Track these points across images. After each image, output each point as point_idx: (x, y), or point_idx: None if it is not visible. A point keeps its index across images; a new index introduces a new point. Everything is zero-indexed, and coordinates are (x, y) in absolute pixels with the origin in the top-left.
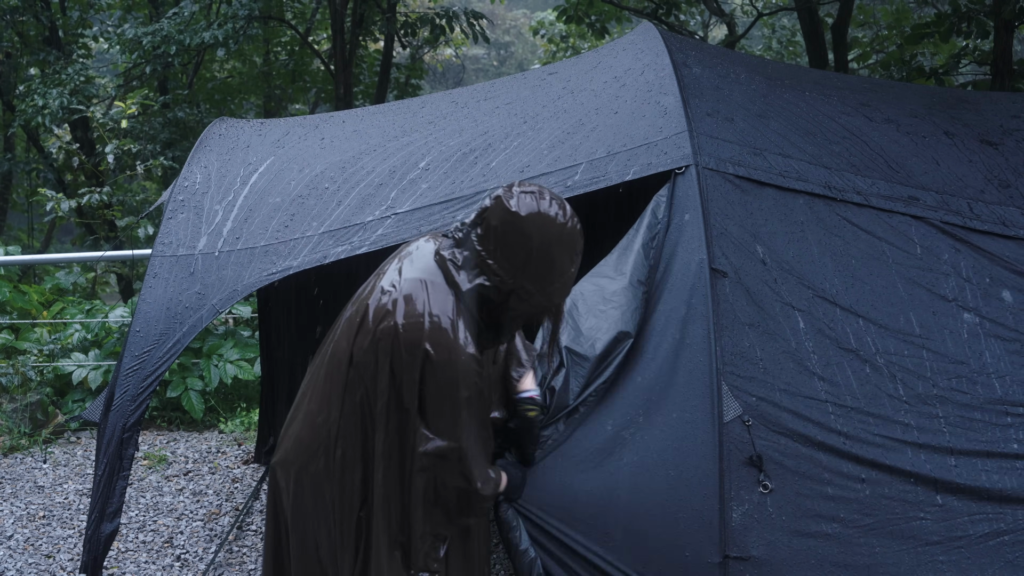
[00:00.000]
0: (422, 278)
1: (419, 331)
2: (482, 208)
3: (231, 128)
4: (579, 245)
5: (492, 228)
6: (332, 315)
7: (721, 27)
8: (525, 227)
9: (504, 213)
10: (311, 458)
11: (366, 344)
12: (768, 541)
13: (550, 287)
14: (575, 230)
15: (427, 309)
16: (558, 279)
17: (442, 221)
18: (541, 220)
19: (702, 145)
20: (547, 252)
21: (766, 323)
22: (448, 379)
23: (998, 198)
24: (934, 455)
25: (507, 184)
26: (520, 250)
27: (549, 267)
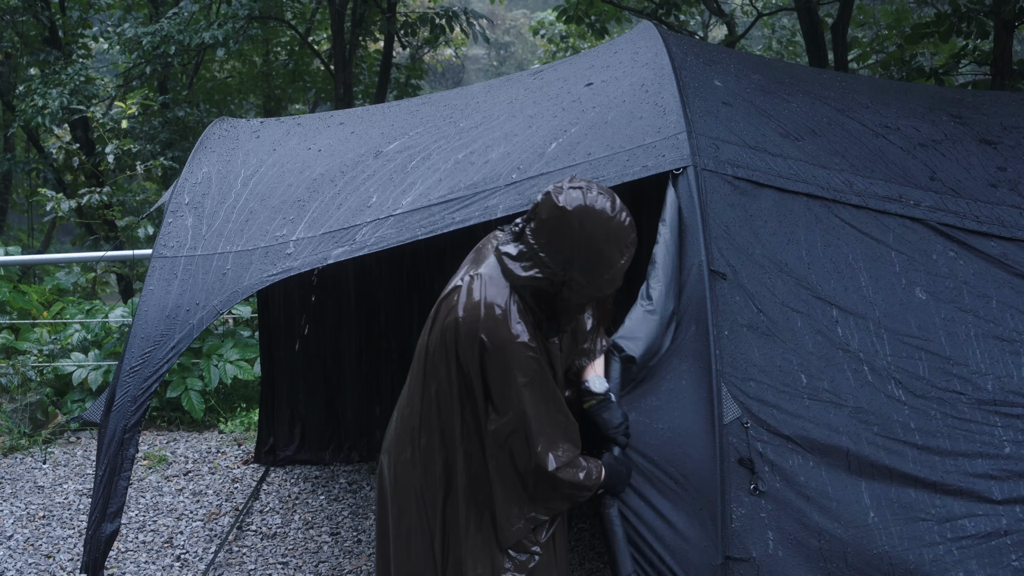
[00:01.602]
0: (482, 272)
1: (475, 322)
2: (534, 204)
3: (231, 128)
4: (629, 237)
5: (542, 222)
6: (333, 315)
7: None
8: (572, 221)
9: (552, 208)
10: (401, 448)
11: (437, 338)
12: (768, 542)
13: (599, 279)
14: (624, 223)
15: (483, 301)
16: (607, 271)
17: (442, 222)
18: (588, 213)
19: (701, 146)
20: (595, 244)
21: (764, 325)
22: (504, 365)
23: (996, 199)
24: (933, 456)
25: (559, 180)
26: (568, 243)
27: (597, 259)
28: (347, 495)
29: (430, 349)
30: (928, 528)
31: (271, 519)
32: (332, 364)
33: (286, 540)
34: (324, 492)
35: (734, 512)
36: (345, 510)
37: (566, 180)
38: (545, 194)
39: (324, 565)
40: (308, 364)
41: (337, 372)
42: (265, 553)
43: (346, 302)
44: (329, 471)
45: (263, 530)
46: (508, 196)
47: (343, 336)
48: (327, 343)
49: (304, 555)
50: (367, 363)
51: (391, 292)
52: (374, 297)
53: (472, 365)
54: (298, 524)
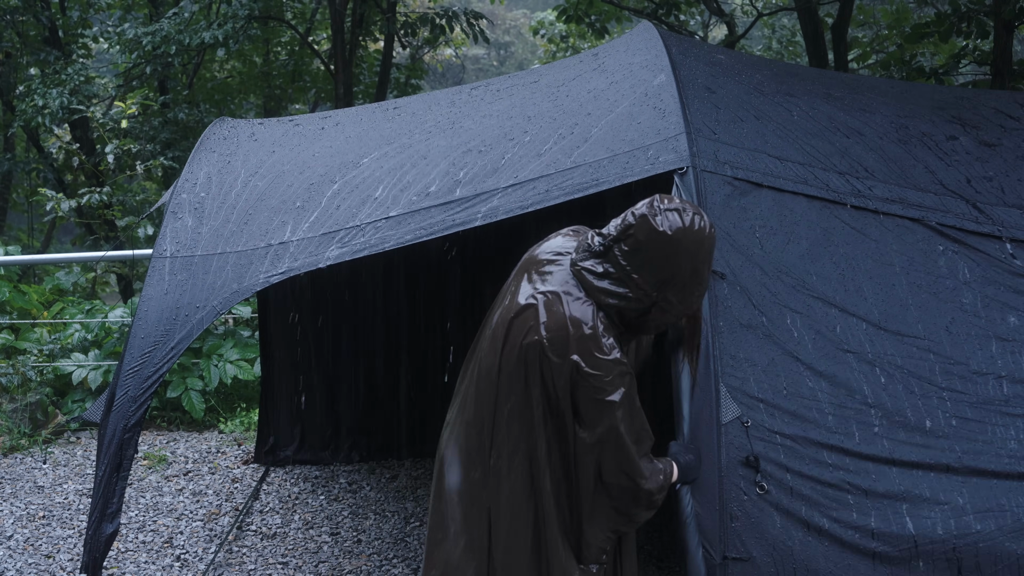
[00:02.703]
0: (560, 291)
1: (564, 342)
2: (627, 224)
3: (232, 129)
4: (714, 248)
5: (639, 245)
6: (333, 314)
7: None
8: (672, 245)
9: (651, 232)
10: (471, 467)
11: (513, 357)
12: (767, 542)
13: (692, 296)
14: (713, 237)
15: (568, 319)
16: (700, 288)
17: (442, 224)
18: (687, 236)
19: (700, 147)
20: (693, 265)
21: (764, 325)
22: (599, 384)
23: (996, 199)
24: (934, 454)
25: (648, 200)
26: (668, 267)
27: (693, 278)
28: (347, 495)
29: (504, 368)
30: (930, 527)
31: (271, 519)
32: (332, 364)
33: (286, 540)
34: (324, 492)
35: (735, 511)
36: (345, 510)
37: (658, 200)
38: (640, 216)
39: (324, 565)
40: (308, 364)
41: (337, 372)
42: (265, 553)
43: (346, 302)
44: (329, 471)
45: (263, 530)
46: (509, 198)
47: (343, 336)
48: (327, 343)
49: (304, 555)
50: (367, 363)
51: (391, 292)
52: (374, 297)
53: (560, 384)
54: (298, 524)
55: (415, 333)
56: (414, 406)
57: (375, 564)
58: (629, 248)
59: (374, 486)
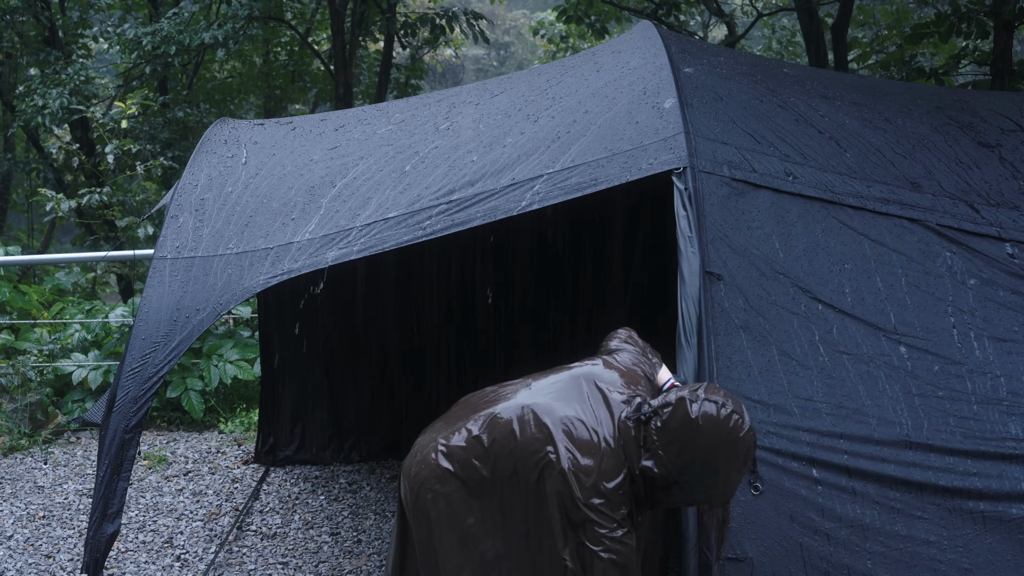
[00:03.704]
0: (602, 434)
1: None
2: (666, 402)
3: (232, 130)
4: (751, 453)
5: (668, 425)
6: (333, 314)
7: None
8: (698, 435)
9: (684, 417)
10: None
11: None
12: (764, 542)
13: (712, 490)
14: (749, 440)
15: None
16: (721, 485)
17: (442, 224)
18: (716, 431)
19: (699, 147)
20: (714, 461)
21: (761, 326)
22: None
23: (995, 200)
24: (931, 455)
25: (695, 386)
26: (689, 453)
27: (714, 473)
28: (347, 495)
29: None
30: (926, 527)
31: (271, 519)
32: (332, 364)
33: (286, 540)
34: (324, 492)
35: (731, 512)
36: (345, 510)
37: (703, 388)
38: (679, 399)
39: (324, 565)
40: (308, 364)
41: (337, 372)
42: (265, 553)
43: (346, 302)
44: (329, 471)
45: (263, 530)
46: (508, 199)
47: (343, 336)
48: (327, 343)
49: (304, 555)
50: (367, 363)
51: (392, 292)
52: (374, 297)
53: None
54: (298, 524)
55: (415, 333)
56: (414, 406)
57: (375, 564)
58: (662, 425)
59: (374, 486)
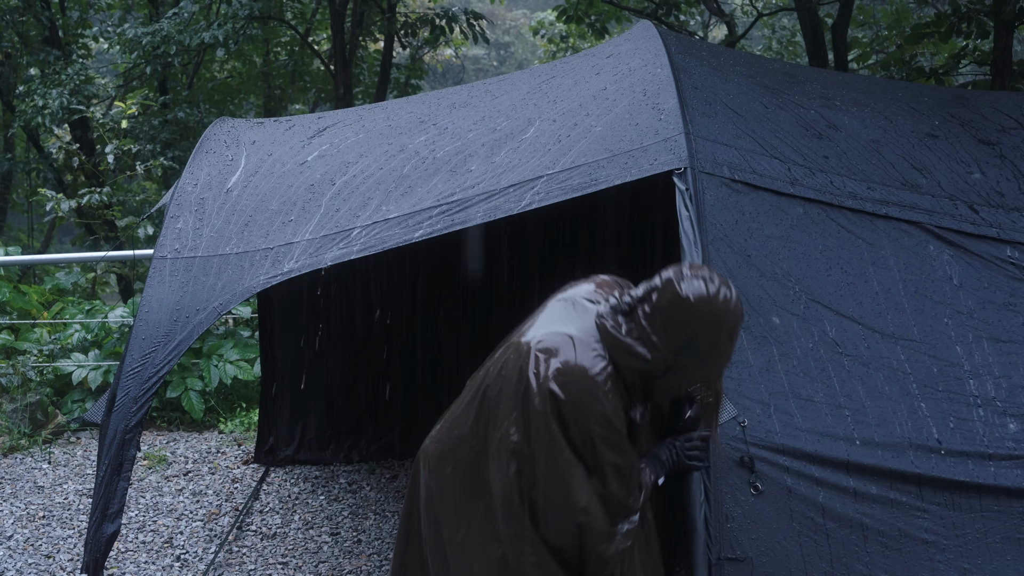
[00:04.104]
0: (577, 336)
1: (566, 387)
2: (652, 287)
3: (232, 129)
4: (740, 325)
5: (660, 308)
6: (333, 314)
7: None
8: (693, 312)
9: (674, 296)
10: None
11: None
12: (763, 542)
13: (710, 366)
14: (739, 311)
15: (576, 367)
16: (720, 359)
17: (441, 223)
18: (709, 305)
19: (699, 148)
20: (713, 336)
21: (761, 327)
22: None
23: (995, 201)
24: (929, 456)
25: (678, 266)
26: (686, 333)
27: (712, 349)
28: (347, 495)
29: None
30: (924, 527)
31: (271, 519)
32: (332, 364)
33: (286, 540)
34: (324, 492)
35: (731, 512)
36: (345, 510)
37: (687, 267)
38: (666, 280)
39: (324, 565)
40: (308, 364)
41: (337, 372)
42: (265, 553)
43: (346, 302)
44: (329, 471)
45: (263, 530)
46: (509, 198)
47: (343, 336)
48: (327, 343)
49: (304, 555)
50: (367, 363)
51: (392, 292)
52: (374, 297)
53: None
54: (298, 524)
55: (414, 333)
56: (414, 406)
57: (375, 564)
58: (651, 310)
59: (374, 486)
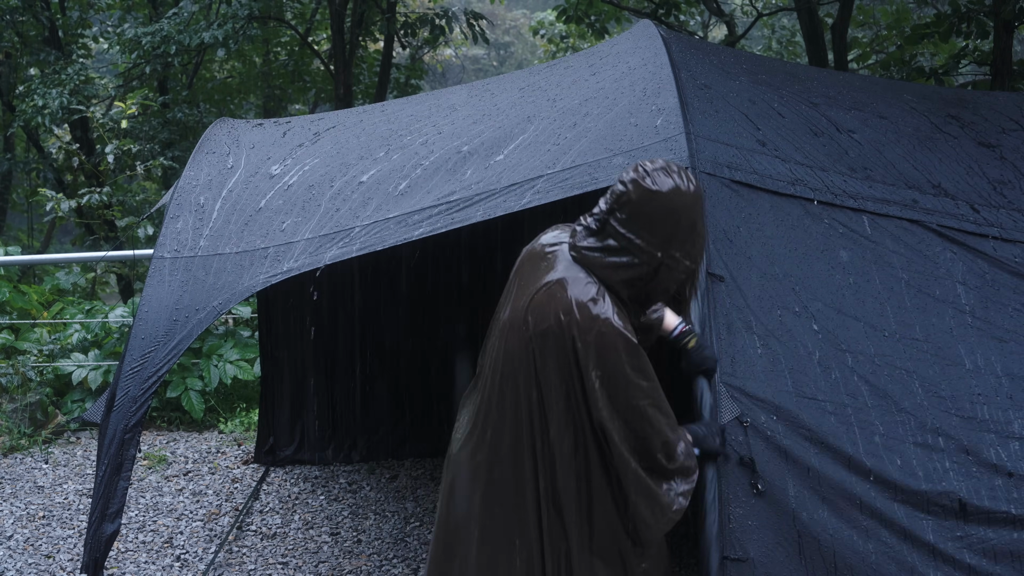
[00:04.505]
0: (563, 276)
1: (572, 325)
2: (618, 194)
3: (232, 129)
4: (703, 202)
5: (637, 208)
6: (333, 314)
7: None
8: (668, 202)
9: (646, 193)
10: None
11: (524, 346)
12: (765, 542)
13: (694, 249)
14: (700, 191)
15: (574, 303)
16: (699, 240)
17: (441, 222)
18: (680, 192)
19: (699, 148)
20: (691, 219)
21: (762, 327)
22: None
23: (996, 201)
24: (932, 455)
25: (631, 166)
26: (668, 224)
27: (692, 231)
28: (347, 495)
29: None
30: (927, 528)
31: (271, 519)
32: (332, 364)
33: (286, 540)
34: (324, 492)
35: (732, 512)
36: (345, 510)
37: (644, 164)
38: (631, 181)
39: (324, 565)
40: (308, 364)
41: (337, 372)
42: (265, 553)
43: (346, 302)
44: (329, 471)
45: (263, 530)
46: (508, 198)
47: (343, 336)
48: (327, 343)
49: (304, 555)
50: (367, 363)
51: (391, 292)
52: (374, 297)
53: (571, 369)
54: (298, 524)
55: (414, 333)
56: (414, 405)
57: (375, 564)
58: (627, 215)
59: (374, 486)
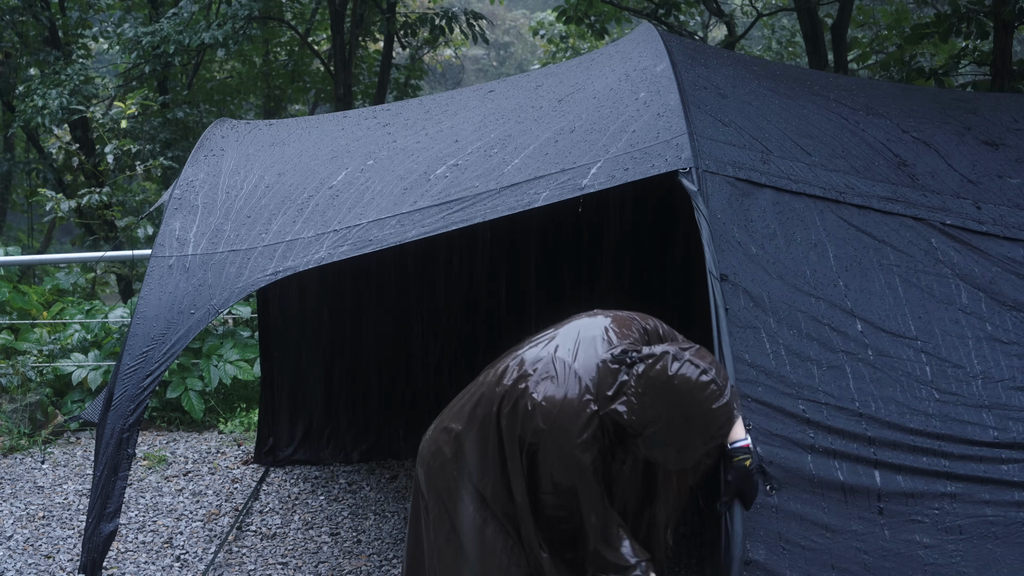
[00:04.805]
0: (577, 368)
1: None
2: (652, 353)
3: (231, 129)
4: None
5: (646, 375)
6: (332, 315)
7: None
8: (670, 393)
9: (662, 371)
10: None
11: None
12: (771, 544)
13: (670, 452)
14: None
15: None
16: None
17: (442, 223)
18: (688, 394)
19: (702, 148)
20: (679, 424)
21: (766, 326)
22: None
23: (998, 200)
24: (933, 458)
25: (687, 345)
26: (658, 409)
27: (675, 436)
28: (347, 495)
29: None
30: (927, 530)
31: (271, 519)
32: (332, 364)
33: (286, 540)
34: (324, 492)
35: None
36: (345, 510)
37: (692, 350)
38: (664, 352)
39: (324, 565)
40: (308, 364)
41: (337, 372)
42: (265, 553)
43: (346, 302)
44: (329, 471)
45: (263, 530)
46: (508, 199)
47: (343, 336)
48: (327, 343)
49: (304, 555)
50: (367, 364)
51: (391, 292)
52: (373, 297)
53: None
54: (298, 524)
55: (415, 333)
56: (414, 406)
57: (375, 564)
58: (640, 374)
59: (374, 486)
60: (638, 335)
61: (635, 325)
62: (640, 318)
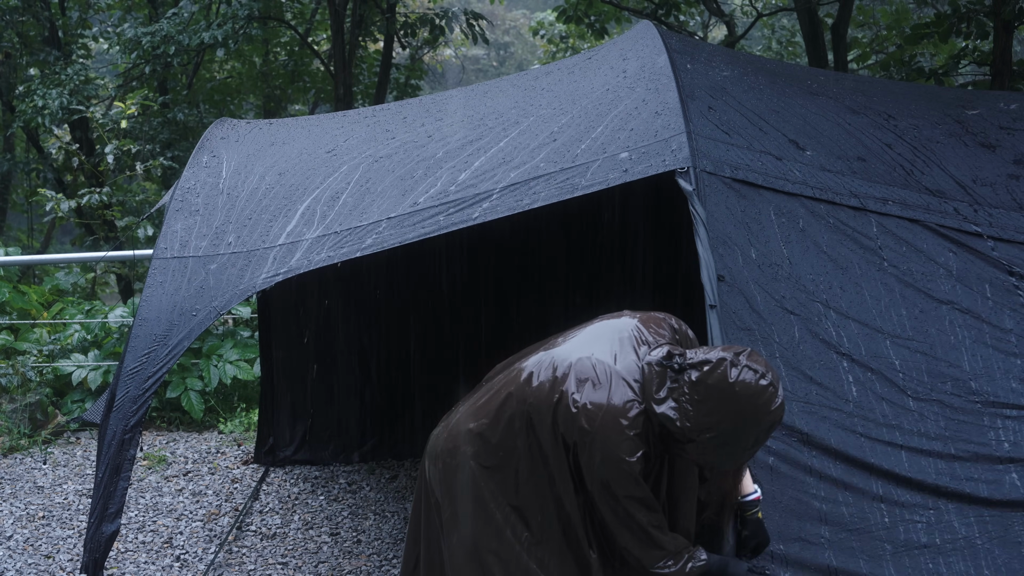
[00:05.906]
0: (620, 371)
1: (592, 421)
2: (706, 359)
3: (232, 129)
4: (774, 425)
5: (703, 383)
6: (332, 315)
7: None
8: (732, 400)
9: (721, 378)
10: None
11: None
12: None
13: (729, 456)
14: (778, 415)
15: (608, 403)
16: (739, 453)
17: (442, 223)
18: (750, 400)
19: (700, 147)
20: (739, 430)
21: (762, 327)
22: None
23: (996, 201)
24: (927, 459)
25: (739, 349)
26: (717, 416)
27: (735, 441)
28: (347, 495)
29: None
30: (921, 531)
31: (271, 519)
32: (332, 364)
33: (286, 540)
34: (324, 492)
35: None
36: (345, 510)
37: (745, 354)
38: (720, 359)
39: (324, 565)
40: (308, 364)
41: (337, 372)
42: (265, 553)
43: (345, 302)
44: (329, 471)
45: (263, 530)
46: (507, 199)
47: (343, 336)
48: (326, 343)
49: (304, 555)
50: (366, 363)
51: (390, 293)
52: (373, 298)
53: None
54: (298, 524)
55: (415, 334)
56: (414, 406)
57: (375, 564)
58: (696, 380)
59: (374, 486)
60: (669, 333)
61: (665, 323)
62: (667, 317)
